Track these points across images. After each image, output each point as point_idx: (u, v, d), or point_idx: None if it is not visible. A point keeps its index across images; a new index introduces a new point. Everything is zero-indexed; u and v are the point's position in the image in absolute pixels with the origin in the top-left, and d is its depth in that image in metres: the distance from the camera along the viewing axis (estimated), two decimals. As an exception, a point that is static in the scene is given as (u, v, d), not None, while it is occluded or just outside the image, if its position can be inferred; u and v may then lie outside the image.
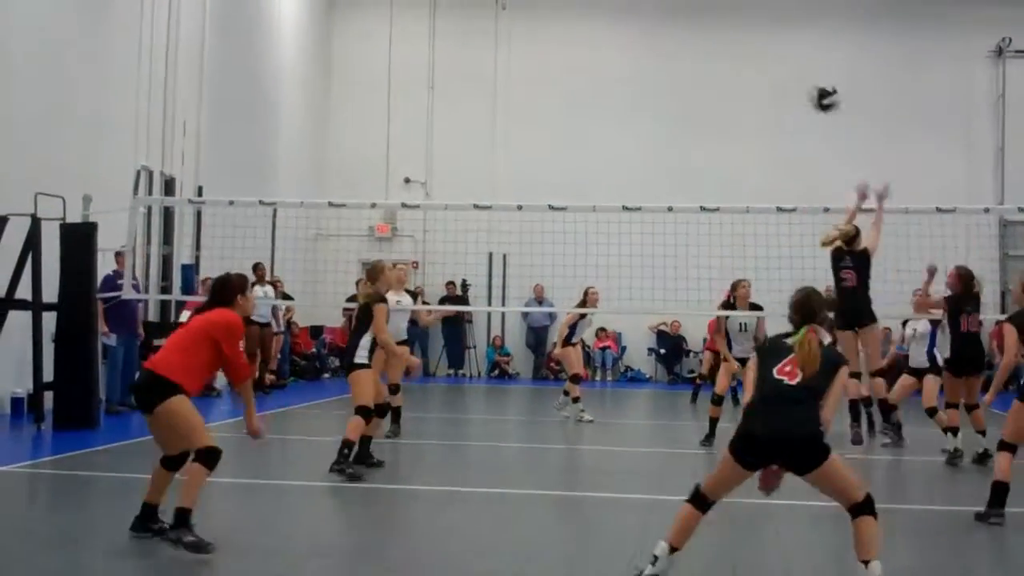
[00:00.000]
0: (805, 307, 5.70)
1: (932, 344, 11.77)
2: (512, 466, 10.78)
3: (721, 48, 22.76)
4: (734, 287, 12.11)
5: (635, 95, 22.69)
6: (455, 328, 22.55)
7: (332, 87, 23.69)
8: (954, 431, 10.52)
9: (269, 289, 16.59)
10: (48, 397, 11.75)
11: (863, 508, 5.37)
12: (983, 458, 10.12)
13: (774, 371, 5.46)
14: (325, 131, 23.52)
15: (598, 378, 22.34)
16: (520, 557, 6.42)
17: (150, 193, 15.61)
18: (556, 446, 12.37)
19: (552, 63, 22.91)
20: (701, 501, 5.46)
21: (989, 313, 20.49)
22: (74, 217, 12.74)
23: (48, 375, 11.75)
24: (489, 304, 22.09)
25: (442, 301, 21.67)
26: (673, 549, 5.40)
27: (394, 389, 11.94)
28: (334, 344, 21.59)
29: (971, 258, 17.54)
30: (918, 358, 11.73)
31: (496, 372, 22.33)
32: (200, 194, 16.83)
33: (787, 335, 5.62)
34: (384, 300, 9.29)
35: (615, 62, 22.87)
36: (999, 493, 7.55)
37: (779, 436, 5.25)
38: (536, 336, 22.57)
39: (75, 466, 9.51)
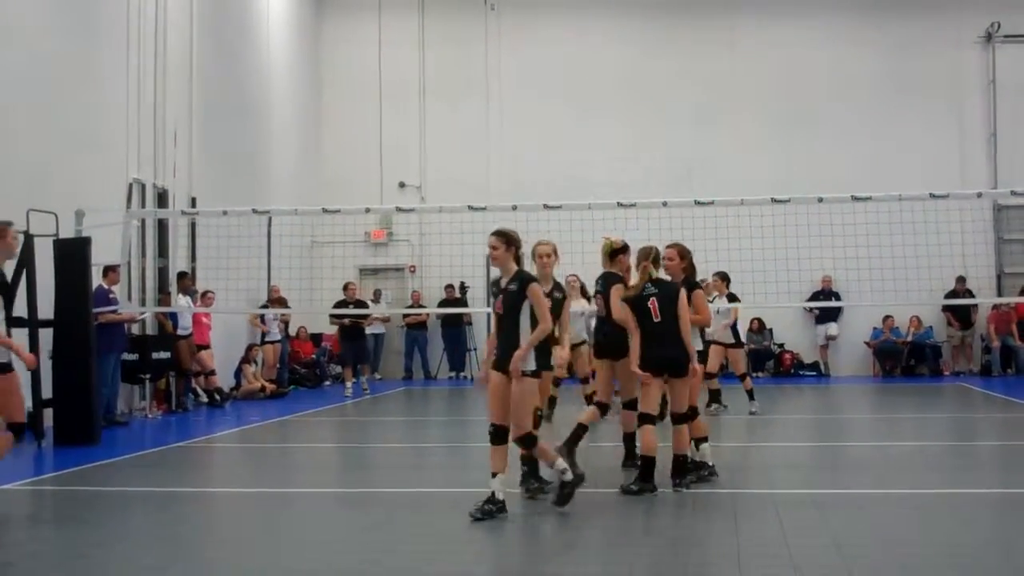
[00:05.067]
0: (643, 252, 8.60)
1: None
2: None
3: (712, 40, 22.75)
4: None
5: (627, 91, 22.64)
6: (455, 331, 22.53)
7: (323, 93, 23.66)
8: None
9: (189, 300, 16.06)
10: (48, 414, 11.74)
11: (682, 418, 8.41)
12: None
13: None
14: (318, 138, 23.49)
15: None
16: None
17: (143, 206, 15.57)
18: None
19: (543, 62, 22.88)
20: (649, 419, 8.33)
21: (986, 297, 20.71)
22: (67, 233, 12.74)
23: (47, 392, 11.74)
24: (488, 305, 21.98)
25: (441, 304, 21.65)
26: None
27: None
28: (333, 352, 21.52)
29: (966, 242, 17.73)
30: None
31: (497, 373, 22.26)
32: (194, 205, 16.81)
33: (638, 285, 8.46)
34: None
35: (606, 58, 22.83)
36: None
37: (663, 359, 8.32)
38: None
39: (78, 481, 9.51)
